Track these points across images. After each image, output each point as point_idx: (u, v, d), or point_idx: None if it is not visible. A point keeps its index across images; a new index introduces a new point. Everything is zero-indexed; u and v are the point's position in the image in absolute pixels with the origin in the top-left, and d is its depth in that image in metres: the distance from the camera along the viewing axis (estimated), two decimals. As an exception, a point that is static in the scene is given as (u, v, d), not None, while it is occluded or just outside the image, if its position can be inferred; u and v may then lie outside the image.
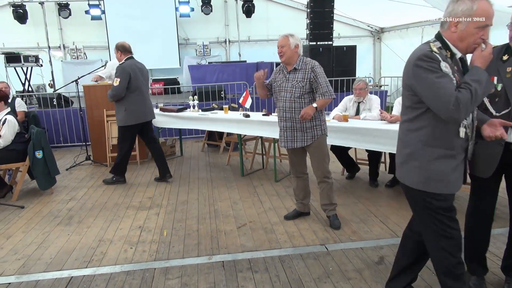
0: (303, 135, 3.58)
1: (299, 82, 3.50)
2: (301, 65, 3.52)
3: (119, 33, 11.14)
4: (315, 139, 3.59)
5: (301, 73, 3.51)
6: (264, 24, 11.91)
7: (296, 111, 3.53)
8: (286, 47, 3.49)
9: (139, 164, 6.31)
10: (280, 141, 3.72)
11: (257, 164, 6.02)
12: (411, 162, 2.08)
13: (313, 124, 3.57)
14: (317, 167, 3.68)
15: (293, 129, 3.59)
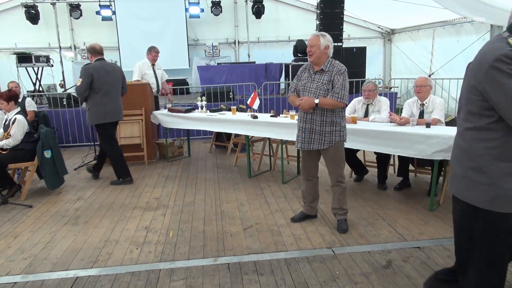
0: (321, 139, 3.52)
1: (324, 84, 3.41)
2: (329, 67, 3.44)
3: (129, 34, 11.24)
4: (332, 144, 3.52)
5: (327, 75, 3.42)
6: (273, 25, 11.89)
7: (317, 113, 3.47)
8: (316, 47, 3.40)
9: (146, 165, 6.33)
10: (297, 141, 3.67)
11: (264, 165, 5.99)
12: (476, 177, 1.83)
13: (332, 129, 3.50)
14: (331, 172, 3.65)
15: (312, 131, 3.53)
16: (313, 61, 3.46)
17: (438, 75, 9.96)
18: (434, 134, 3.87)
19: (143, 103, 6.39)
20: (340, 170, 3.62)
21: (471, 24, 8.86)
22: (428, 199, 4.26)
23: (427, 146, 3.88)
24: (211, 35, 11.76)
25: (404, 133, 4.04)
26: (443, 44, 9.99)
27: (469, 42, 8.92)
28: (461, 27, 9.27)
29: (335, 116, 3.49)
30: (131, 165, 6.27)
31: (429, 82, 4.58)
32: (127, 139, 6.31)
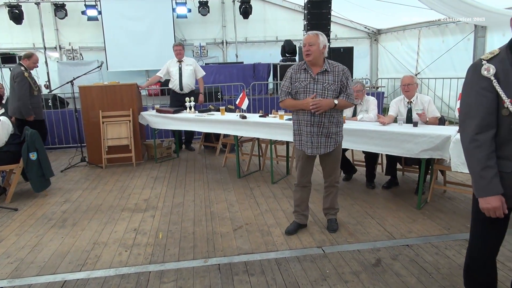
0: (327, 141, 3.39)
1: (331, 84, 3.30)
2: (330, 67, 3.32)
3: (116, 34, 11.11)
4: (336, 145, 3.45)
5: (331, 75, 3.30)
6: (261, 26, 11.89)
7: (327, 115, 3.32)
8: (315, 46, 3.26)
9: (134, 166, 6.27)
10: (304, 146, 3.44)
11: (253, 165, 5.99)
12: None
13: (338, 129, 3.42)
14: (330, 173, 3.57)
15: (319, 134, 3.37)
16: (311, 61, 3.28)
17: (424, 74, 10.08)
18: (421, 133, 3.91)
19: (131, 103, 6.33)
20: (338, 171, 3.62)
21: (456, 24, 8.99)
22: (416, 197, 4.31)
23: (414, 145, 3.93)
24: (198, 35, 11.71)
25: (391, 132, 4.08)
26: (429, 44, 10.12)
27: (454, 42, 9.07)
28: (446, 27, 9.41)
29: (339, 116, 3.44)
30: (119, 166, 6.25)
31: (415, 80, 4.64)
32: (114, 140, 6.24)
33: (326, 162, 3.55)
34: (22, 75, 5.73)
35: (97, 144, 6.26)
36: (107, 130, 6.23)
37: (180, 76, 6.61)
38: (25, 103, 5.73)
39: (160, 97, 9.79)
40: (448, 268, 2.97)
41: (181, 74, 6.61)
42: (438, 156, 3.87)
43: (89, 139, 6.34)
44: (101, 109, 6.21)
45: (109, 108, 6.26)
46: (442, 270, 2.95)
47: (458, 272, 2.90)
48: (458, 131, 3.87)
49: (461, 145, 1.91)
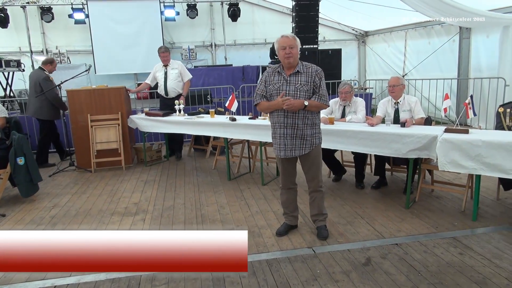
0: (302, 143, 3.38)
1: (303, 85, 3.30)
2: (303, 69, 3.34)
3: (103, 37, 11.01)
4: (313, 148, 3.42)
5: (304, 76, 3.31)
6: (250, 28, 11.92)
7: (300, 116, 3.32)
8: (296, 48, 3.27)
9: (124, 169, 6.23)
10: (278, 150, 3.45)
11: (244, 167, 6.00)
12: None
13: (313, 131, 3.40)
14: (312, 177, 3.53)
15: (293, 137, 3.37)
16: (291, 63, 3.29)
17: (411, 75, 10.20)
18: (408, 133, 3.97)
19: (119, 107, 6.30)
20: (320, 175, 3.54)
21: (441, 26, 9.13)
22: (404, 197, 4.37)
23: (402, 145, 3.98)
24: (187, 38, 11.68)
25: (379, 132, 4.14)
26: (415, 45, 10.25)
27: (440, 44, 9.20)
28: (431, 29, 9.55)
29: (314, 118, 3.41)
30: (108, 170, 6.21)
31: (401, 82, 4.70)
32: (103, 144, 6.20)
33: (307, 166, 3.51)
34: (49, 78, 6.36)
35: (85, 148, 6.20)
36: (96, 134, 6.19)
37: (165, 80, 6.55)
38: (59, 101, 6.45)
39: (149, 100, 9.70)
40: (436, 266, 3.02)
41: (166, 79, 6.54)
42: (425, 155, 3.93)
43: (77, 143, 6.29)
44: (89, 113, 6.16)
45: (97, 111, 6.22)
46: (430, 268, 2.99)
47: (446, 270, 2.95)
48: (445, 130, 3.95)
49: None
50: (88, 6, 10.83)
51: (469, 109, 4.00)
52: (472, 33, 8.45)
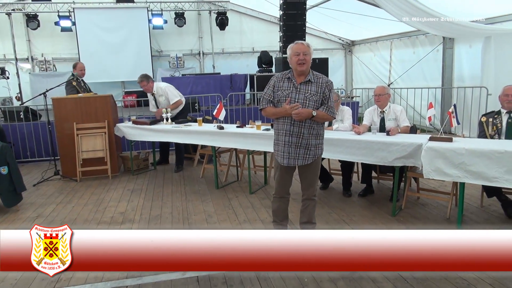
0: (306, 153, 3.34)
1: (313, 95, 3.26)
2: (315, 78, 3.31)
3: (90, 45, 10.94)
4: (315, 158, 3.39)
5: (314, 86, 3.28)
6: (238, 37, 11.98)
7: (306, 126, 3.28)
8: (309, 56, 3.26)
9: (110, 178, 6.16)
10: (279, 156, 3.40)
11: (231, 176, 5.99)
12: None
13: (318, 142, 3.38)
14: (308, 186, 3.49)
15: (298, 145, 3.32)
16: (303, 71, 3.25)
17: (396, 84, 10.36)
18: (394, 141, 4.02)
19: (106, 115, 6.26)
20: (316, 185, 3.54)
21: (425, 36, 9.31)
22: (391, 205, 4.40)
23: (388, 153, 4.03)
24: (175, 46, 11.69)
25: (366, 141, 4.18)
26: (400, 55, 10.43)
27: (424, 53, 9.38)
28: (416, 39, 9.73)
29: (320, 128, 3.38)
30: (94, 179, 6.14)
31: (387, 91, 4.76)
32: (89, 153, 6.14)
33: (304, 174, 3.48)
34: (70, 83, 6.49)
35: (71, 157, 6.13)
36: (82, 143, 6.12)
37: (157, 108, 6.42)
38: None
39: (136, 108, 9.65)
40: (422, 273, 3.04)
41: (157, 106, 6.44)
42: (411, 163, 3.99)
43: (63, 152, 6.21)
44: (75, 121, 6.10)
45: (83, 120, 6.16)
46: (416, 275, 3.01)
47: (432, 277, 2.97)
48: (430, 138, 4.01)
49: None
50: (75, 14, 10.78)
51: (453, 117, 4.07)
52: (455, 43, 8.64)
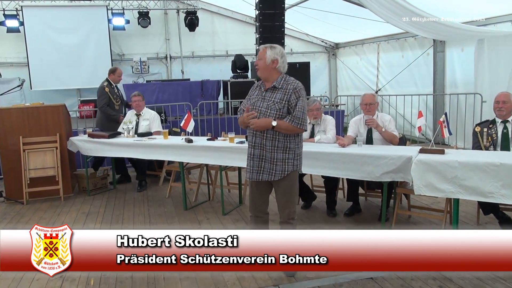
0: (272, 168, 3.34)
1: (276, 103, 3.28)
2: (282, 84, 3.33)
3: (41, 48, 10.78)
4: (284, 175, 3.35)
5: (280, 93, 3.30)
6: (209, 39, 12.01)
7: (268, 138, 3.31)
8: (262, 60, 3.32)
9: (63, 200, 6.00)
10: (246, 171, 3.51)
11: (202, 195, 5.93)
12: None
13: (285, 156, 3.34)
14: (283, 207, 3.48)
15: (261, 159, 3.36)
16: (261, 76, 3.37)
17: (385, 91, 10.53)
18: (381, 154, 4.07)
19: (57, 128, 6.10)
20: (292, 206, 3.50)
21: (415, 38, 9.53)
22: (380, 224, 4.43)
23: (375, 168, 4.06)
24: (138, 49, 11.61)
25: (351, 154, 4.22)
26: (388, 58, 10.64)
27: (414, 57, 9.60)
28: (405, 42, 9.96)
29: (288, 141, 3.35)
30: (43, 201, 5.97)
31: (376, 99, 4.85)
32: (38, 171, 5.95)
33: (277, 193, 3.48)
34: (102, 89, 6.71)
35: (17, 176, 5.93)
36: (29, 159, 5.94)
37: (135, 131, 6.28)
38: (106, 114, 6.71)
39: (94, 119, 9.47)
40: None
41: (136, 130, 6.31)
42: (400, 178, 4.03)
43: (6, 170, 6.04)
44: (21, 134, 5.92)
45: (31, 133, 5.99)
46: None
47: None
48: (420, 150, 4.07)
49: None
50: (23, 12, 10.61)
51: (444, 127, 4.15)
52: (446, 46, 8.89)
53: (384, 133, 4.62)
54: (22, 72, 10.70)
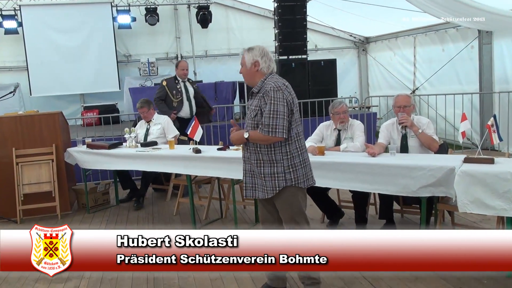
0: (262, 183, 3.28)
1: (252, 111, 3.29)
2: (261, 88, 3.27)
3: (41, 50, 10.90)
4: (276, 191, 3.23)
5: (257, 98, 3.27)
6: (224, 36, 11.94)
7: (251, 151, 3.28)
8: (244, 67, 3.35)
9: (59, 219, 5.94)
10: (243, 187, 3.51)
11: (214, 212, 5.79)
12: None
13: (272, 170, 3.22)
14: (287, 228, 3.34)
15: (252, 174, 3.36)
16: (248, 84, 3.44)
17: (423, 89, 10.27)
18: (418, 165, 3.88)
19: (54, 138, 6.08)
20: (297, 226, 3.30)
21: (457, 29, 9.23)
22: (418, 247, 4.18)
23: (410, 181, 3.87)
24: (146, 49, 11.62)
25: (382, 165, 4.04)
26: (426, 53, 10.36)
27: (456, 51, 9.29)
28: (445, 33, 9.65)
29: (273, 153, 3.22)
30: (39, 220, 5.91)
31: (412, 100, 4.67)
32: (32, 186, 5.92)
33: (280, 212, 3.38)
34: (161, 82, 7.16)
35: (9, 191, 5.91)
36: (23, 173, 5.92)
37: (145, 139, 6.31)
38: (158, 108, 6.78)
39: (98, 127, 9.40)
40: None
41: (146, 138, 6.34)
42: (441, 193, 3.83)
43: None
44: (14, 146, 5.91)
45: (25, 144, 5.98)
46: None
47: None
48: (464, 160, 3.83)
49: None
50: (22, 12, 10.74)
51: (493, 132, 3.90)
52: (494, 38, 8.55)
53: (421, 136, 4.42)
54: (21, 77, 10.86)
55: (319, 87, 9.01)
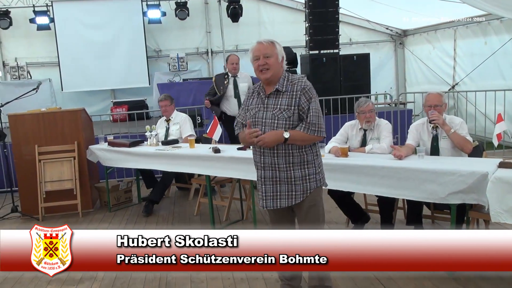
0: (290, 189, 3.08)
1: (283, 111, 3.01)
2: (287, 86, 3.05)
3: (72, 46, 11.05)
4: (307, 195, 3.09)
5: (286, 97, 3.02)
6: (255, 30, 11.78)
7: (280, 154, 3.03)
8: (273, 58, 3.01)
9: (81, 217, 5.97)
10: (259, 197, 3.24)
11: (235, 212, 5.68)
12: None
13: (305, 172, 3.07)
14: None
15: (275, 181, 3.10)
16: (268, 79, 3.04)
17: (463, 85, 9.91)
18: (448, 169, 3.64)
19: (75, 135, 6.13)
20: (325, 227, 3.26)
21: (500, 21, 8.81)
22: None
23: (438, 186, 3.64)
24: (176, 44, 11.62)
25: (407, 169, 3.82)
26: (468, 47, 9.97)
27: (499, 44, 8.87)
28: (488, 26, 9.24)
29: (304, 154, 3.06)
30: (60, 217, 5.98)
31: (444, 100, 4.40)
32: (54, 184, 5.99)
33: (299, 217, 3.21)
34: (212, 79, 7.38)
35: (32, 189, 6.00)
36: (45, 171, 5.99)
37: (165, 139, 6.17)
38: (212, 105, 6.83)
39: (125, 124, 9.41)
40: None
41: (166, 137, 6.21)
42: (473, 200, 3.58)
43: (22, 182, 6.13)
44: (37, 143, 5.99)
45: (47, 141, 6.06)
46: None
47: None
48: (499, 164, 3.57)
49: None
50: (54, 8, 10.92)
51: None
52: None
53: (454, 136, 4.15)
54: (53, 72, 11.11)
55: (351, 82, 8.79)
